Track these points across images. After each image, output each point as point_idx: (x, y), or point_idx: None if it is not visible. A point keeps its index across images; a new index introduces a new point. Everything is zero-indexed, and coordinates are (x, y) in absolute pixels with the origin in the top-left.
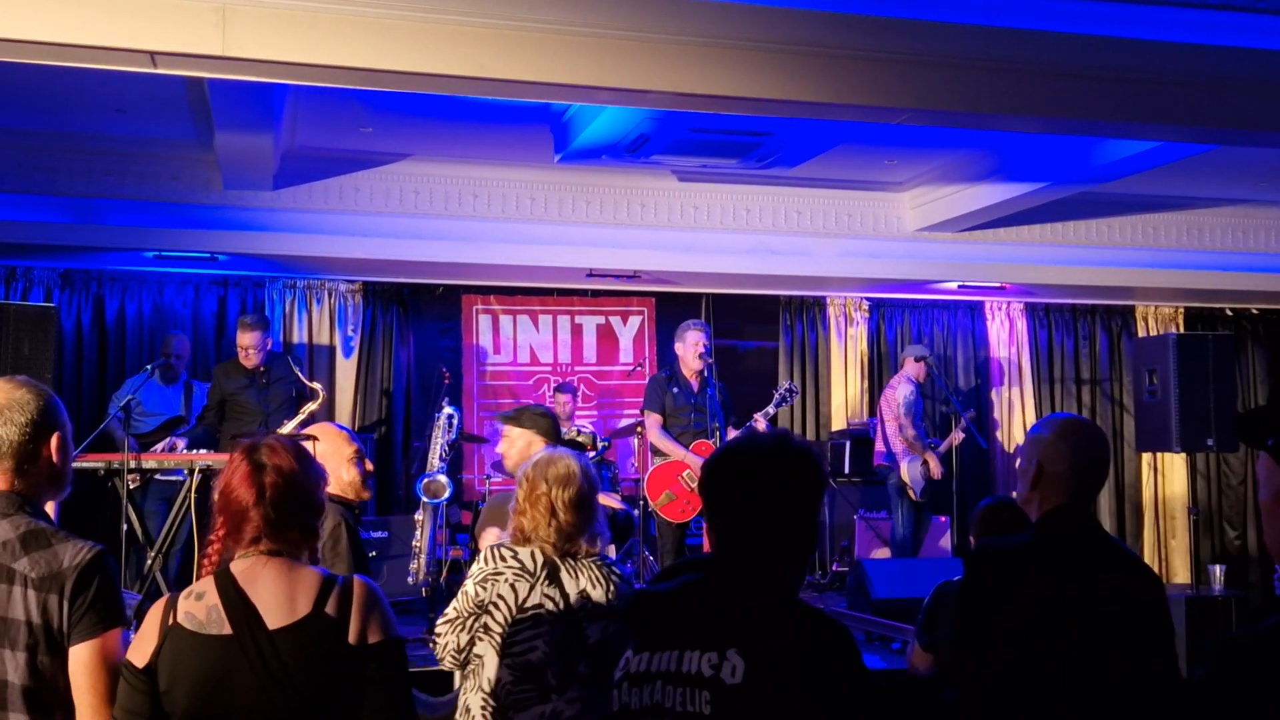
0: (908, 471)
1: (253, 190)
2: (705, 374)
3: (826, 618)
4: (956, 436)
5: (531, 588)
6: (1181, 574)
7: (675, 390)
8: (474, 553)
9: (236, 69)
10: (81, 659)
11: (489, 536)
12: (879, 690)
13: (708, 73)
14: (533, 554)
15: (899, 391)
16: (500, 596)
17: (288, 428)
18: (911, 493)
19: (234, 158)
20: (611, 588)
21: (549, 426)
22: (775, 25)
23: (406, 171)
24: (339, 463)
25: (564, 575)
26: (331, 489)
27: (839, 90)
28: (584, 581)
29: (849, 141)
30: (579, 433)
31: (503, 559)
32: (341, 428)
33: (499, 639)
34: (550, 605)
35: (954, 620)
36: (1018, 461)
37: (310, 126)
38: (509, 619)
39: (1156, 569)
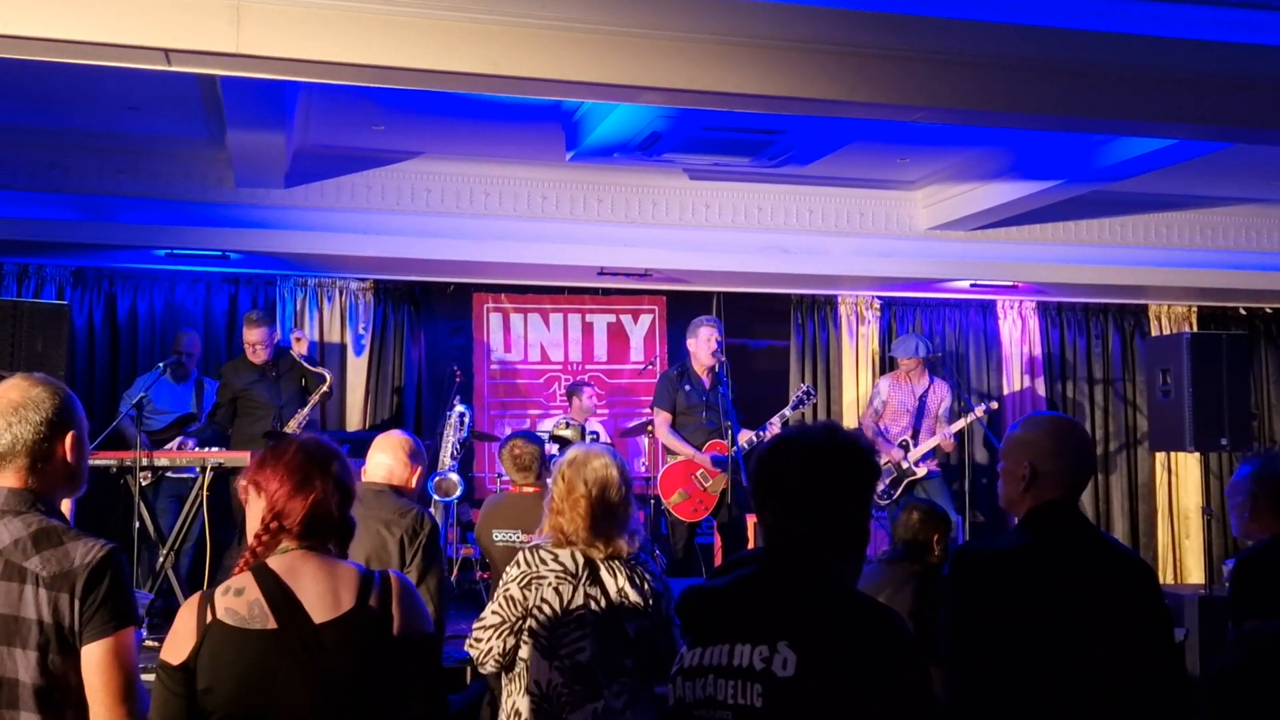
0: None
1: (265, 188)
2: (717, 371)
3: (880, 608)
4: (946, 441)
5: (575, 589)
6: (1195, 574)
7: (687, 388)
8: (483, 552)
9: (250, 66)
10: (94, 658)
11: None
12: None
13: (720, 70)
14: (573, 555)
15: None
16: (544, 600)
17: (299, 416)
18: None
19: (246, 155)
20: (646, 587)
21: None
22: (788, 22)
23: (418, 169)
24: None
25: (604, 575)
26: (410, 484)
27: (852, 88)
28: (623, 580)
29: (861, 140)
30: (566, 425)
31: (543, 562)
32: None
33: (544, 642)
34: (594, 605)
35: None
36: (999, 464)
37: (322, 124)
38: (555, 621)
39: (1170, 568)
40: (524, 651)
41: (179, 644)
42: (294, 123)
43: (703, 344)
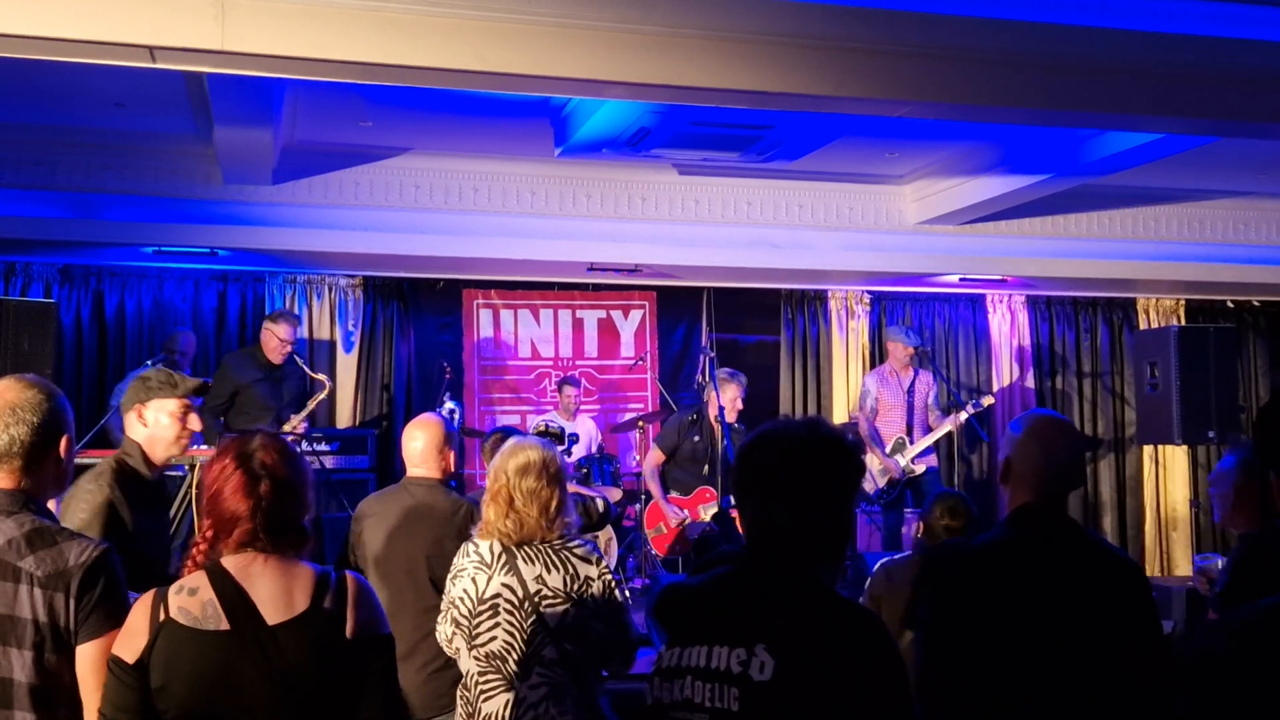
0: None
1: (252, 185)
2: (735, 423)
3: (859, 610)
4: (951, 425)
5: (489, 579)
6: (1183, 566)
7: (696, 438)
8: None
9: (236, 63)
10: (89, 657)
11: None
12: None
13: (708, 65)
14: (491, 545)
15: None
16: (464, 590)
17: (295, 420)
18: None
19: (233, 152)
20: (572, 573)
21: None
22: (776, 17)
23: (406, 166)
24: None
25: (520, 562)
26: (450, 469)
27: (840, 83)
28: (539, 567)
29: (850, 134)
30: (547, 427)
31: (466, 554)
32: (442, 417)
33: (467, 631)
34: (507, 594)
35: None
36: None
37: (310, 121)
38: (472, 610)
39: (1158, 561)
40: (456, 641)
41: (132, 641)
42: (281, 119)
43: (730, 402)
